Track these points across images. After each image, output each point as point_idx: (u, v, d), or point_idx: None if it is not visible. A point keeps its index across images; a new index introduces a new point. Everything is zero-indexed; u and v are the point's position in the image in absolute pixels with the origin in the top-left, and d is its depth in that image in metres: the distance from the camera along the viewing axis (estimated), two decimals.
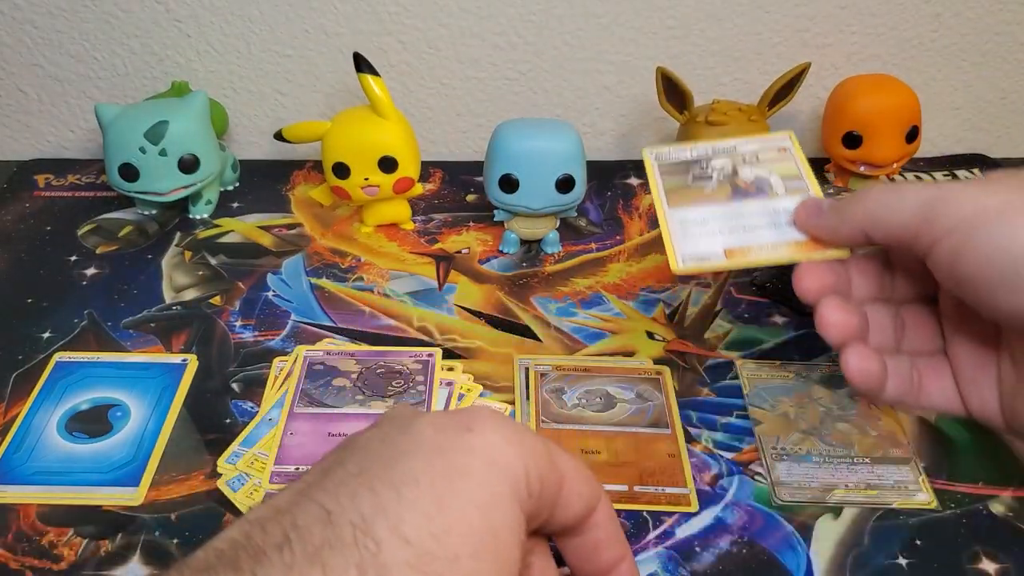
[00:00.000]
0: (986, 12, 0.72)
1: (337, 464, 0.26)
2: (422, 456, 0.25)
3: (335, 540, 0.22)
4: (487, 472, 0.25)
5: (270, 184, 0.73)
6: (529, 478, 0.26)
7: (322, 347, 0.55)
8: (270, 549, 0.22)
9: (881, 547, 0.43)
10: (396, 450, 0.26)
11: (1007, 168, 0.75)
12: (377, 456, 0.25)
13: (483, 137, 0.77)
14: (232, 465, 0.47)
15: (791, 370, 0.53)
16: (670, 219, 0.44)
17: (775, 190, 0.44)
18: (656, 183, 0.46)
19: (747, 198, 0.44)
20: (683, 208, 0.44)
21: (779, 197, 0.44)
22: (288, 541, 0.23)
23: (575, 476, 0.28)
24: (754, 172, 0.45)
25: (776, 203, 0.43)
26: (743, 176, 0.45)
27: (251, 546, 0.23)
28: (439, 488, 0.24)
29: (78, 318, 0.57)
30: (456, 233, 0.66)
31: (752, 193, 0.44)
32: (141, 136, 0.61)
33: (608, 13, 0.71)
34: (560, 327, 0.57)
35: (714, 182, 0.45)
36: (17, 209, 0.69)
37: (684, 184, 0.46)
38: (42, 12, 0.71)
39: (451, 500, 0.24)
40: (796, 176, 0.45)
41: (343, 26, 0.72)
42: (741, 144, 0.47)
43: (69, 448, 0.48)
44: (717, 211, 0.44)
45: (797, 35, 0.72)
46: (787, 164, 0.46)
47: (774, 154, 0.46)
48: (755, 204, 0.44)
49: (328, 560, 0.22)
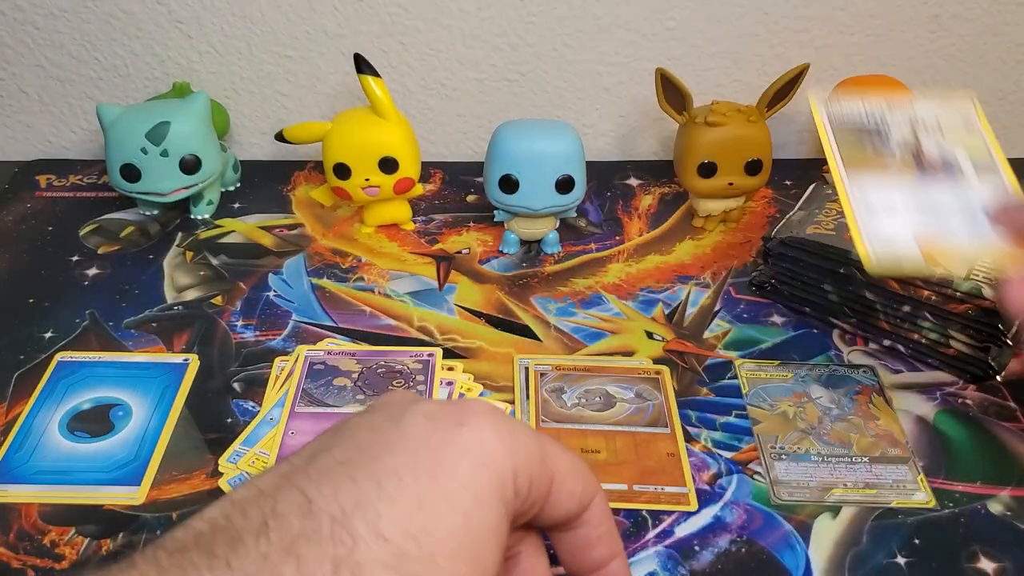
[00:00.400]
0: (984, 13, 0.72)
1: (324, 450, 0.25)
2: (409, 450, 0.25)
3: (312, 532, 0.22)
4: (474, 472, 0.25)
5: (271, 185, 0.73)
6: (517, 478, 0.26)
7: (323, 347, 0.55)
8: (247, 535, 0.22)
9: (879, 546, 0.43)
10: (384, 441, 0.25)
11: None
12: (364, 446, 0.25)
13: (483, 138, 0.77)
14: (233, 464, 0.47)
15: (790, 370, 0.53)
16: (852, 191, 0.40)
17: (964, 172, 0.40)
18: (829, 141, 0.42)
19: (934, 178, 0.40)
20: (863, 178, 0.40)
21: (969, 182, 0.40)
22: (266, 529, 0.22)
23: (568, 475, 0.28)
24: (939, 147, 0.41)
25: (967, 190, 0.39)
26: (927, 151, 0.41)
27: (230, 529, 0.23)
28: (422, 485, 0.24)
29: (80, 318, 0.57)
30: (456, 233, 0.67)
31: (939, 173, 0.40)
32: (143, 137, 0.61)
33: (608, 15, 0.71)
34: (560, 327, 0.57)
35: (897, 155, 0.41)
36: (19, 209, 0.69)
37: (861, 151, 0.41)
38: (44, 13, 0.71)
39: (433, 499, 0.23)
40: (986, 157, 0.41)
41: (344, 27, 0.72)
42: (920, 106, 0.43)
43: (71, 448, 0.48)
44: (902, 188, 0.40)
45: (796, 36, 0.73)
46: (974, 140, 0.42)
47: (958, 122, 0.42)
48: (944, 188, 0.40)
49: (303, 552, 0.22)
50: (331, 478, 0.24)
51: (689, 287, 0.61)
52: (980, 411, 0.51)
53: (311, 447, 0.26)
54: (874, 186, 0.40)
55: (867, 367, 0.54)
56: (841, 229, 0.56)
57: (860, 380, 0.53)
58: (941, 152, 0.41)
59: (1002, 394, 0.52)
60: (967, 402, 0.51)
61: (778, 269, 0.58)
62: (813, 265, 0.56)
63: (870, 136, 0.42)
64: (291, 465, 0.25)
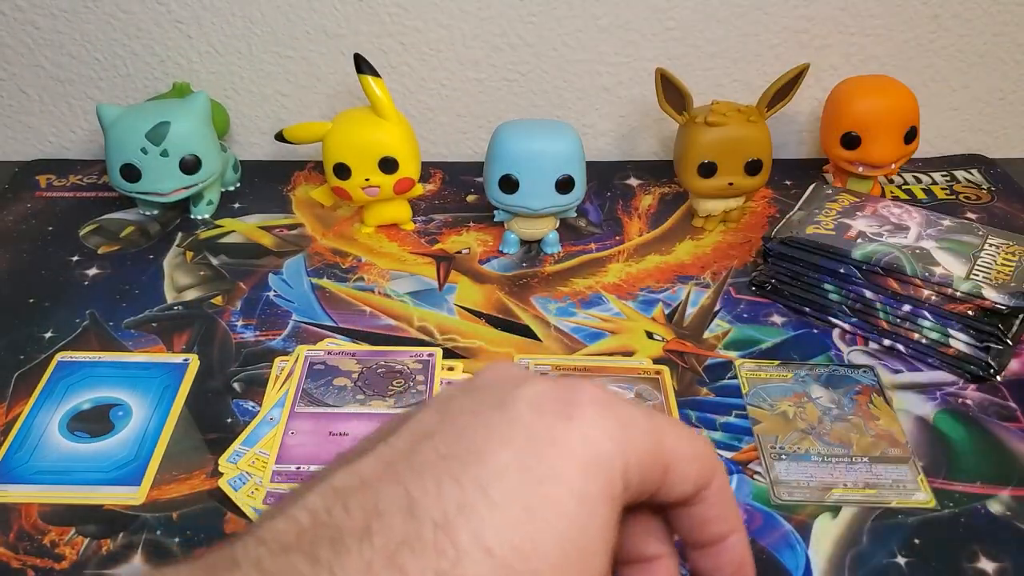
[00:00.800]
0: (984, 13, 0.72)
1: (426, 437, 0.24)
2: (513, 447, 0.23)
3: (415, 539, 0.21)
4: (581, 474, 0.23)
5: (271, 185, 0.73)
6: (627, 474, 0.24)
7: (323, 347, 0.55)
8: (350, 538, 0.21)
9: (879, 546, 0.43)
10: (487, 433, 0.24)
11: (1005, 169, 0.76)
12: (467, 437, 0.23)
13: (483, 138, 0.77)
14: (233, 464, 0.47)
15: (790, 370, 0.53)
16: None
17: None
18: None
19: None
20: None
21: None
22: (369, 532, 0.21)
23: (683, 460, 0.26)
24: None
25: None
26: None
27: (331, 526, 0.22)
28: (528, 490, 0.22)
29: (80, 318, 0.57)
30: (456, 233, 0.67)
31: None
32: (143, 137, 0.61)
33: (608, 15, 0.71)
34: (560, 327, 0.57)
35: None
36: (19, 209, 0.69)
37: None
38: (44, 13, 0.71)
39: (539, 506, 0.22)
40: None
41: (344, 27, 0.72)
42: None
43: (71, 447, 0.48)
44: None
45: (796, 36, 0.73)
46: None
47: None
48: None
49: (406, 564, 0.21)
50: (434, 474, 0.22)
51: (689, 287, 0.61)
52: (980, 411, 0.51)
53: (411, 428, 0.25)
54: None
55: (867, 367, 0.54)
56: (841, 229, 0.56)
57: (860, 380, 0.53)
58: None
59: (1002, 394, 0.52)
60: (967, 402, 0.51)
61: (778, 269, 0.58)
62: (813, 265, 0.56)
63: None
64: (392, 449, 0.24)
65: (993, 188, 0.73)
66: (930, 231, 0.56)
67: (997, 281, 0.51)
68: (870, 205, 0.59)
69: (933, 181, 0.74)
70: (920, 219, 0.57)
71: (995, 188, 0.73)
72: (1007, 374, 0.53)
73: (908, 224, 0.57)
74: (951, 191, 0.72)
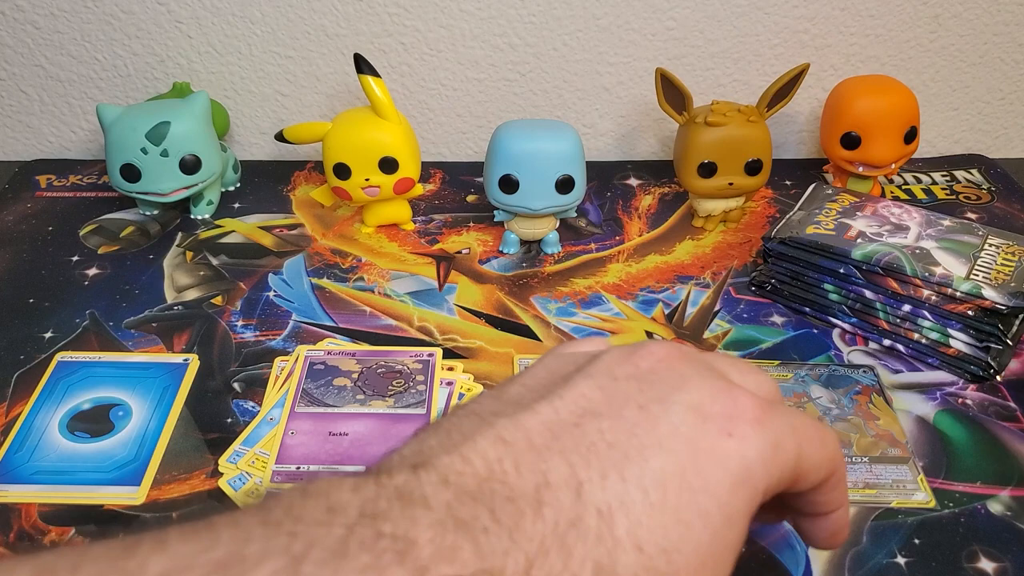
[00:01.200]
0: (984, 13, 0.72)
1: (592, 416, 0.25)
2: (676, 452, 0.24)
3: (581, 524, 0.22)
4: (731, 491, 0.24)
5: (271, 185, 0.73)
6: (768, 491, 0.25)
7: (323, 347, 0.55)
8: (524, 503, 0.22)
9: (879, 546, 0.43)
10: (652, 431, 0.24)
11: (1005, 169, 0.76)
12: (633, 430, 0.24)
13: (483, 138, 0.77)
14: (233, 464, 0.47)
15: (790, 370, 0.53)
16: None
17: None
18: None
19: None
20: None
21: None
22: (540, 503, 0.22)
23: (815, 467, 0.27)
24: None
25: None
26: None
27: (507, 485, 0.22)
28: (683, 500, 0.23)
29: (80, 318, 0.57)
30: (456, 233, 0.67)
31: None
32: (143, 137, 0.61)
33: (608, 15, 0.71)
34: (560, 327, 0.57)
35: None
36: (19, 209, 0.69)
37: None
38: (44, 13, 0.71)
39: (689, 514, 0.23)
40: None
41: (344, 27, 0.72)
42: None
43: (71, 447, 0.48)
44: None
45: (796, 36, 0.73)
46: None
47: None
48: None
49: (572, 547, 0.21)
50: (600, 462, 0.23)
51: (689, 287, 0.61)
52: (980, 411, 0.51)
53: (576, 399, 0.25)
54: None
55: (867, 367, 0.54)
56: (841, 229, 0.56)
57: (860, 380, 0.53)
58: None
59: (1002, 394, 0.52)
60: (967, 402, 0.51)
61: (778, 269, 0.58)
62: (813, 265, 0.56)
63: None
64: (558, 417, 0.24)
65: (993, 188, 0.73)
66: (930, 231, 0.56)
67: (997, 281, 0.51)
68: (870, 205, 0.59)
69: (933, 181, 0.74)
70: (920, 219, 0.57)
71: (995, 188, 0.73)
72: (1007, 374, 0.53)
73: (908, 224, 0.57)
74: (951, 191, 0.72)
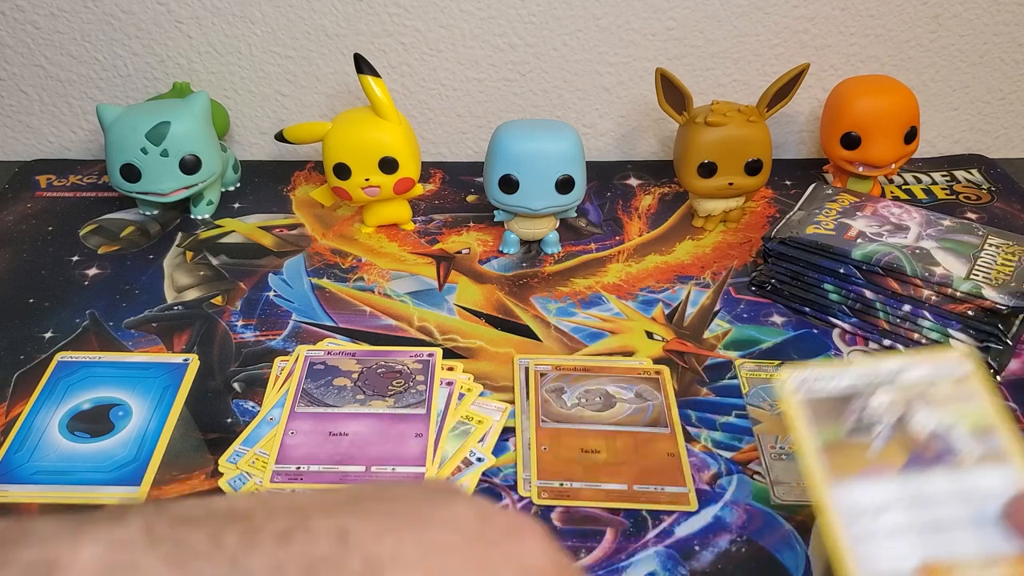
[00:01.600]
0: (984, 13, 0.72)
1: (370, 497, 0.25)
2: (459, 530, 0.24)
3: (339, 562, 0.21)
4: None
5: (271, 185, 0.73)
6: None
7: (323, 347, 0.55)
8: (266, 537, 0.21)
9: None
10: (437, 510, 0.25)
11: (1005, 169, 0.76)
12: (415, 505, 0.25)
13: (483, 138, 0.77)
14: (233, 464, 0.47)
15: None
16: (838, 510, 0.32)
17: (964, 454, 0.33)
18: (804, 432, 0.34)
19: (928, 467, 0.33)
20: (848, 485, 0.32)
21: (971, 468, 0.32)
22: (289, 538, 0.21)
23: None
24: (930, 420, 0.34)
25: (969, 479, 0.32)
26: (916, 426, 0.34)
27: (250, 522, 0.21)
28: None
29: (80, 318, 0.57)
30: (456, 233, 0.67)
31: (933, 459, 0.33)
32: (143, 137, 0.61)
33: (608, 15, 0.71)
34: (560, 327, 0.57)
35: (881, 437, 0.34)
36: (19, 209, 0.69)
37: (839, 437, 0.34)
38: (44, 13, 0.71)
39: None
40: (988, 429, 0.33)
41: (344, 27, 0.72)
42: (907, 367, 0.36)
43: (71, 447, 0.48)
44: (893, 491, 0.32)
45: (796, 36, 0.73)
46: (973, 406, 0.34)
47: (951, 386, 0.35)
48: (941, 479, 0.32)
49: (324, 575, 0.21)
50: (375, 522, 0.23)
51: (689, 287, 0.61)
52: None
53: (352, 488, 0.26)
54: (860, 491, 0.32)
55: None
56: (841, 229, 0.56)
57: None
58: (934, 428, 0.34)
59: (1002, 394, 0.52)
60: None
61: (778, 269, 0.58)
62: (813, 265, 0.56)
63: (849, 419, 0.35)
64: (332, 493, 0.24)
65: (993, 188, 0.73)
66: (930, 231, 0.56)
67: (997, 281, 0.51)
68: (870, 205, 0.59)
69: (933, 181, 0.74)
70: (920, 219, 0.57)
71: (995, 188, 0.73)
72: (1007, 374, 0.53)
73: (908, 224, 0.57)
74: (951, 191, 0.72)
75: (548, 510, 0.45)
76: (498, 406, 0.51)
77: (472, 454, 0.47)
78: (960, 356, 0.36)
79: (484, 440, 0.48)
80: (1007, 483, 0.32)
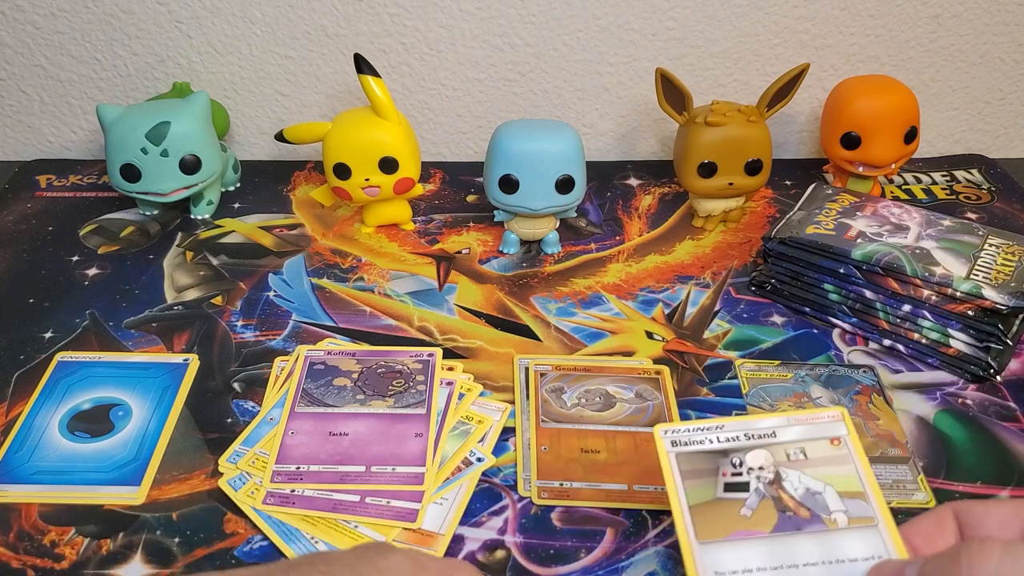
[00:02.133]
0: (984, 13, 0.72)
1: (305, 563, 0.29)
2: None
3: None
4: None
5: (271, 185, 0.73)
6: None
7: (323, 347, 0.55)
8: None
9: None
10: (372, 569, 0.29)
11: (1005, 169, 0.76)
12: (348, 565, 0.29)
13: (483, 138, 0.77)
14: (233, 464, 0.47)
15: (790, 370, 0.53)
16: (700, 565, 0.33)
17: (834, 517, 0.34)
18: (676, 488, 0.35)
19: (797, 530, 0.34)
20: (715, 545, 0.33)
21: (840, 531, 0.33)
22: None
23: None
24: (803, 483, 0.35)
25: (837, 543, 0.33)
26: (789, 489, 0.35)
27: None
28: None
29: (80, 318, 0.57)
30: (456, 233, 0.67)
31: (803, 522, 0.34)
32: (143, 137, 0.61)
33: (608, 15, 0.71)
34: (560, 327, 0.57)
35: (754, 498, 0.35)
36: (19, 209, 0.69)
37: (712, 495, 0.35)
38: (44, 13, 0.71)
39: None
40: (858, 494, 0.34)
41: (344, 27, 0.72)
42: (782, 428, 0.36)
43: (71, 447, 0.48)
44: (761, 555, 0.33)
45: (796, 36, 0.73)
46: (844, 469, 0.35)
47: (825, 447, 0.36)
48: (808, 544, 0.33)
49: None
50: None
51: (689, 287, 0.61)
52: (980, 411, 0.51)
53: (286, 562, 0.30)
54: (726, 552, 0.33)
55: (867, 367, 0.54)
56: (841, 229, 0.56)
57: (860, 380, 0.53)
58: (806, 490, 0.35)
59: (1002, 394, 0.52)
60: (967, 402, 0.51)
61: (778, 269, 0.58)
62: (813, 265, 0.56)
63: (723, 478, 0.35)
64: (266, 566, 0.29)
65: (993, 188, 0.73)
66: (930, 231, 0.56)
67: (997, 281, 0.51)
68: (870, 205, 0.59)
69: (933, 181, 0.74)
70: (920, 219, 0.57)
71: (995, 188, 0.73)
72: (1007, 374, 0.53)
73: (908, 224, 0.57)
74: (951, 191, 0.72)
75: (548, 510, 0.45)
76: (498, 406, 0.51)
77: (472, 454, 0.47)
78: (834, 417, 0.37)
79: (484, 440, 0.48)
80: (872, 550, 0.33)
